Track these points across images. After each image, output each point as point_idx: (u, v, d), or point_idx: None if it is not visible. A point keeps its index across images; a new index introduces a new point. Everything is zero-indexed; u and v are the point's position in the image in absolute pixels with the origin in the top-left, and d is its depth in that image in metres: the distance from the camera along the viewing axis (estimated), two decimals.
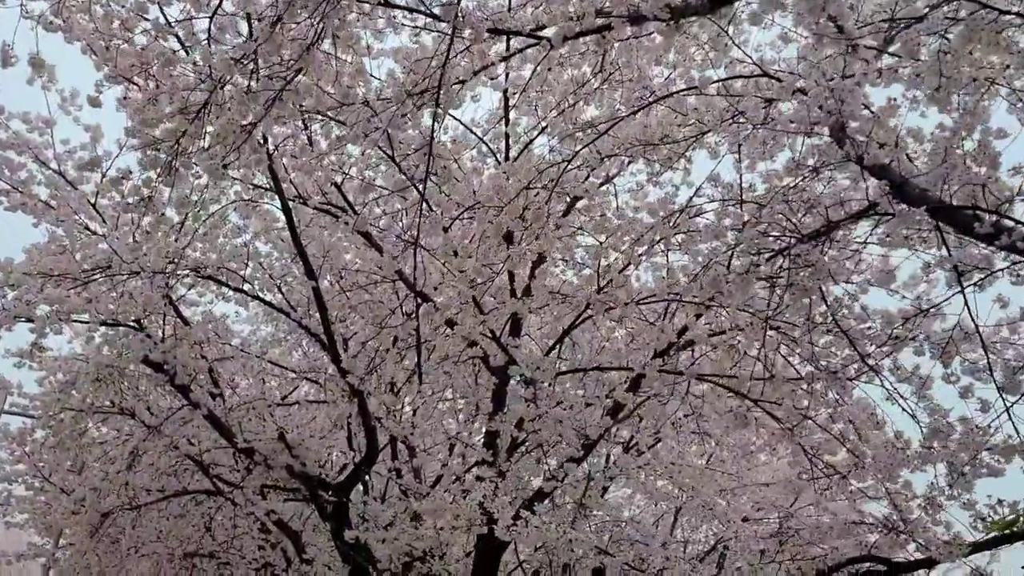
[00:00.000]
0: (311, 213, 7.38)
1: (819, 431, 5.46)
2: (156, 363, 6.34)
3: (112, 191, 7.11)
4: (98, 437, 9.02)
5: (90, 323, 6.15)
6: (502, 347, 5.67)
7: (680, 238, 5.86)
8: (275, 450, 6.31)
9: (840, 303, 4.44)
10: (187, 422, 7.26)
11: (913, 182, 3.29)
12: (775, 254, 3.43)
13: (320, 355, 9.17)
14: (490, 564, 5.84)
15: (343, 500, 6.44)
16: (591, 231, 5.06)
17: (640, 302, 5.72)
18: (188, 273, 6.40)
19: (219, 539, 9.54)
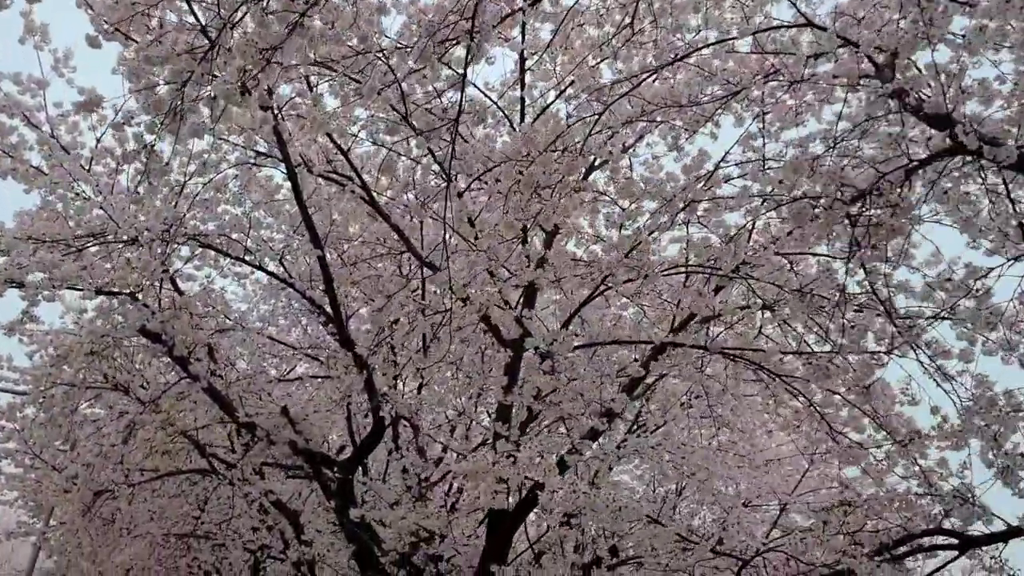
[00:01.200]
0: (315, 183, 7.12)
1: (840, 409, 5.26)
2: (153, 333, 6.08)
3: (107, 157, 6.87)
4: (90, 415, 8.77)
5: (84, 291, 5.87)
6: (517, 319, 5.43)
7: (703, 207, 5.64)
8: (277, 425, 6.06)
9: (877, 272, 4.21)
10: (184, 397, 7.00)
11: (981, 132, 3.06)
12: (861, 194, 3.19)
13: (321, 332, 8.93)
14: (501, 545, 5.62)
15: (348, 477, 6.20)
16: (615, 195, 4.81)
17: (665, 272, 5.50)
18: (187, 240, 6.12)
19: (214, 520, 9.32)
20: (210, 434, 9.16)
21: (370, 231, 7.20)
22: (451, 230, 5.42)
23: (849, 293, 4.79)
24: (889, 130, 3.34)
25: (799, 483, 11.73)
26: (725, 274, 5.05)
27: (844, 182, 3.27)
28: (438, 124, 4.73)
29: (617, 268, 4.37)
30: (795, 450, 12.02)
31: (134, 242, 6.04)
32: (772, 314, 5.25)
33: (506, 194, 3.80)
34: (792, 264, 5.08)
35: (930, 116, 3.17)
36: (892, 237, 3.21)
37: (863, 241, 3.40)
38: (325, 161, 6.81)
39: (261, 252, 6.73)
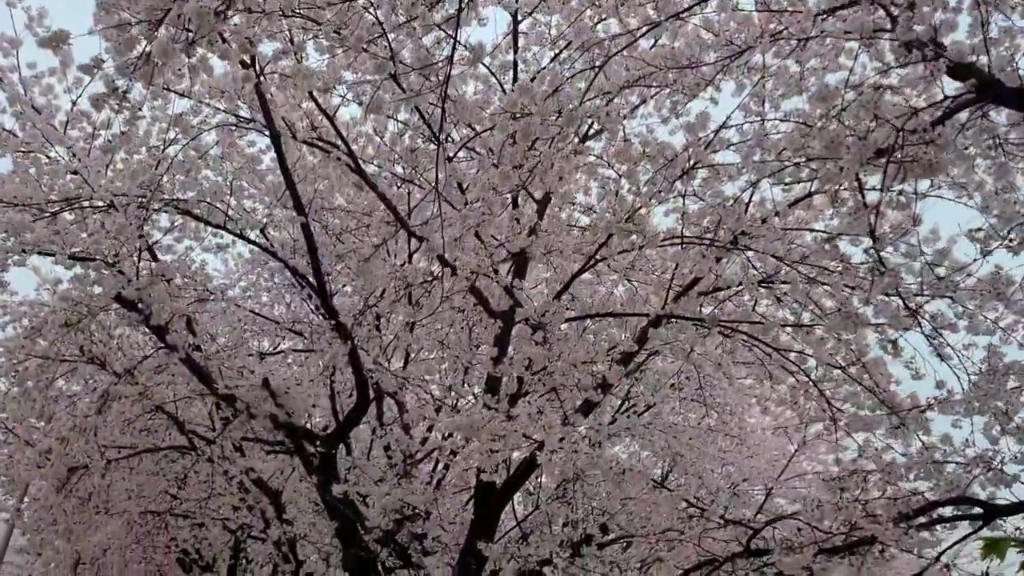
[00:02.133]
0: (299, 150, 6.90)
1: (839, 385, 5.11)
2: (129, 302, 5.84)
3: (83, 122, 6.62)
4: (66, 390, 8.52)
5: (57, 256, 5.63)
6: (507, 289, 5.24)
7: (702, 177, 5.46)
8: (258, 398, 5.85)
9: (886, 239, 4.05)
10: (161, 369, 6.78)
11: (1006, 83, 2.90)
12: (897, 130, 3.00)
13: (305, 309, 8.72)
14: (488, 522, 5.46)
15: (331, 451, 6.01)
16: (614, 159, 4.61)
17: (660, 244, 5.31)
18: (165, 205, 5.88)
19: (193, 499, 9.11)
20: (189, 410, 8.95)
21: (355, 203, 6.99)
22: (440, 196, 5.21)
23: (857, 263, 4.64)
24: (920, 74, 3.16)
25: (785, 467, 11.67)
26: (722, 245, 4.89)
27: (878, 115, 3.09)
28: (427, 81, 4.51)
29: (617, 229, 4.18)
30: (782, 434, 11.95)
31: (110, 207, 5.80)
32: (769, 288, 5.09)
33: (500, 148, 3.60)
34: (791, 237, 4.92)
35: (953, 66, 3.01)
36: (929, 174, 3.03)
37: (896, 179, 3.21)
38: (310, 128, 6.58)
39: (243, 220, 6.50)
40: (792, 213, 4.79)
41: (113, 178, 6.29)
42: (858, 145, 2.97)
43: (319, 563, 6.93)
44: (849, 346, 4.74)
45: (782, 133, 4.61)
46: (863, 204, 3.68)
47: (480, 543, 5.21)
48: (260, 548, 10.89)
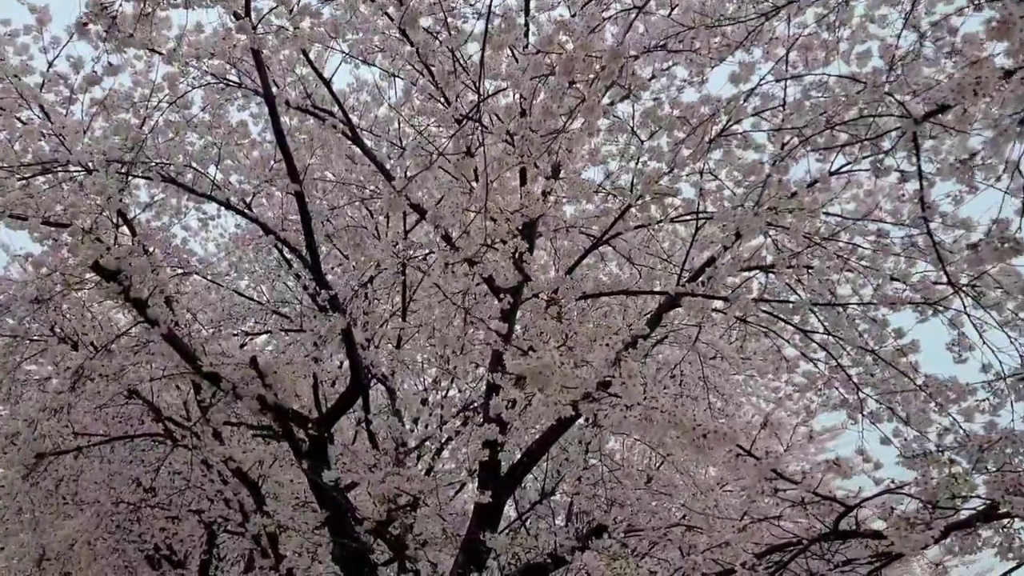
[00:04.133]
0: (290, 124, 6.52)
1: (870, 370, 4.82)
2: (108, 271, 5.43)
3: (60, 84, 6.22)
4: (33, 372, 8.07)
5: (30, 220, 5.21)
6: (516, 262, 4.91)
7: (719, 155, 5.18)
8: (244, 378, 5.46)
9: (935, 209, 3.77)
10: (139, 349, 6.36)
11: None
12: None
13: (293, 289, 8.33)
14: (493, 511, 5.12)
15: (324, 434, 5.63)
16: (641, 122, 4.29)
17: (676, 219, 5.03)
18: (148, 168, 5.48)
19: (167, 490, 8.67)
20: (164, 398, 8.52)
21: (348, 177, 6.63)
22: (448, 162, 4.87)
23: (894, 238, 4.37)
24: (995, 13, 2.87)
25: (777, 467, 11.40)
26: (747, 221, 4.58)
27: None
28: (436, 33, 4.19)
29: (649, 190, 3.86)
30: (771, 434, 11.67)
31: (88, 172, 5.40)
32: (793, 268, 4.80)
33: (531, 96, 3.26)
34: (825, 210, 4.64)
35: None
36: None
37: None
38: (304, 95, 6.22)
39: (231, 190, 6.11)
40: (828, 185, 4.49)
41: (91, 145, 5.88)
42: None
43: (304, 556, 6.53)
44: (885, 328, 4.47)
45: (813, 99, 4.34)
46: (918, 170, 3.39)
47: (483, 533, 4.88)
48: (236, 544, 10.46)
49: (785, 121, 4.01)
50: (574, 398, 2.03)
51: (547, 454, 5.84)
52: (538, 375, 1.95)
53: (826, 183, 4.13)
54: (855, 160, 4.79)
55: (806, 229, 4.68)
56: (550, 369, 1.93)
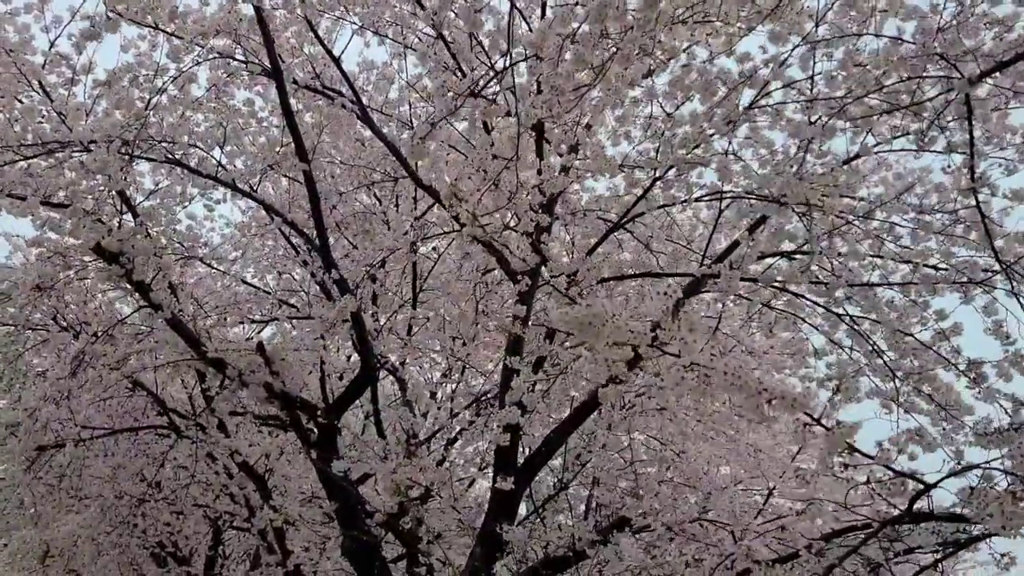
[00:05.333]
0: (301, 97, 6.31)
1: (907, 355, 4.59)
2: (110, 254, 5.23)
3: (62, 64, 6.04)
4: (36, 364, 7.90)
5: (28, 200, 5.01)
6: (533, 244, 4.70)
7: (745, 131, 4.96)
8: (251, 364, 5.26)
9: (984, 180, 3.54)
10: (142, 336, 6.17)
11: None
12: None
13: (300, 279, 8.13)
14: (510, 501, 4.90)
15: (334, 423, 5.42)
16: (668, 92, 4.07)
17: (699, 198, 4.81)
18: (152, 147, 5.28)
19: (171, 485, 8.49)
20: (168, 391, 8.33)
21: (360, 157, 6.43)
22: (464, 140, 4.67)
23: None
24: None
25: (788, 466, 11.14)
26: (775, 200, 4.35)
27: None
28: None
29: (681, 160, 3.64)
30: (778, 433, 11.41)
31: (89, 150, 5.20)
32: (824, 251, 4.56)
33: (557, 52, 3.04)
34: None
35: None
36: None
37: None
38: (313, 75, 6.02)
39: (236, 172, 5.90)
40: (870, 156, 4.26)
41: (94, 123, 5.69)
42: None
43: (312, 549, 6.32)
44: (926, 309, 4.24)
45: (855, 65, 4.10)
46: (969, 136, 3.17)
47: (500, 526, 4.67)
48: (241, 540, 10.27)
49: (819, 91, 3.79)
50: (625, 356, 1.81)
51: (564, 445, 5.63)
52: (587, 327, 1.72)
53: (867, 154, 3.90)
54: (895, 133, 4.57)
55: (839, 208, 4.45)
56: (600, 320, 1.71)
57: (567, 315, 1.75)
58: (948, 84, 3.37)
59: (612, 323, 1.72)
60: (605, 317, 1.73)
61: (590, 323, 1.77)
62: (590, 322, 1.77)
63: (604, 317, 1.73)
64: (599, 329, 1.76)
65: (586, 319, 1.76)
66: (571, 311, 1.73)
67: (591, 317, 1.75)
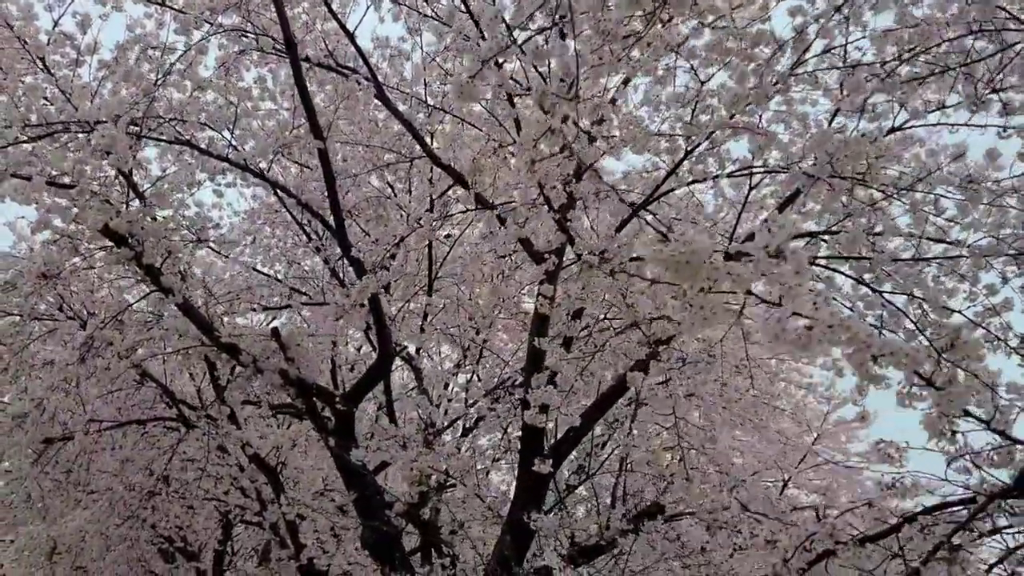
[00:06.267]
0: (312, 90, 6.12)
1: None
2: (119, 236, 5.05)
3: (66, 45, 5.88)
4: (43, 356, 7.73)
5: (34, 181, 4.82)
6: (559, 222, 4.51)
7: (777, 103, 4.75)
8: (265, 351, 5.08)
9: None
10: (152, 323, 5.99)
11: None
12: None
13: (312, 266, 7.96)
14: (537, 489, 4.73)
15: (351, 409, 5.23)
16: (704, 58, 3.86)
17: (731, 174, 4.61)
18: (160, 125, 5.10)
19: (182, 478, 8.32)
20: (177, 383, 8.17)
21: (374, 138, 6.24)
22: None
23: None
24: None
25: (803, 457, 10.98)
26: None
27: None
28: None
29: (719, 125, 3.45)
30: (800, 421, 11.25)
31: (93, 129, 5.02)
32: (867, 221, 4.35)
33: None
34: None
35: None
36: None
37: None
38: (326, 51, 5.83)
39: (248, 153, 5.71)
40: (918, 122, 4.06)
41: (100, 103, 5.51)
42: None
43: (327, 541, 6.15)
44: (975, 284, 4.04)
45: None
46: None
47: (527, 514, 4.49)
48: (251, 536, 10.11)
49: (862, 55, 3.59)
50: (722, 303, 1.62)
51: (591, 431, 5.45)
52: (683, 267, 1.52)
53: (917, 118, 3.70)
54: (929, 108, 4.38)
55: (882, 181, 4.25)
56: (700, 257, 1.49)
57: (660, 252, 1.53)
58: (1003, 42, 3.18)
59: (711, 263, 1.52)
60: (707, 253, 1.52)
61: (687, 262, 1.55)
62: (687, 260, 1.55)
63: (706, 253, 1.52)
64: (696, 269, 1.54)
65: (683, 257, 1.55)
66: (665, 247, 1.51)
67: (690, 254, 1.53)
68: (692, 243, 1.48)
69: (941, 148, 5.25)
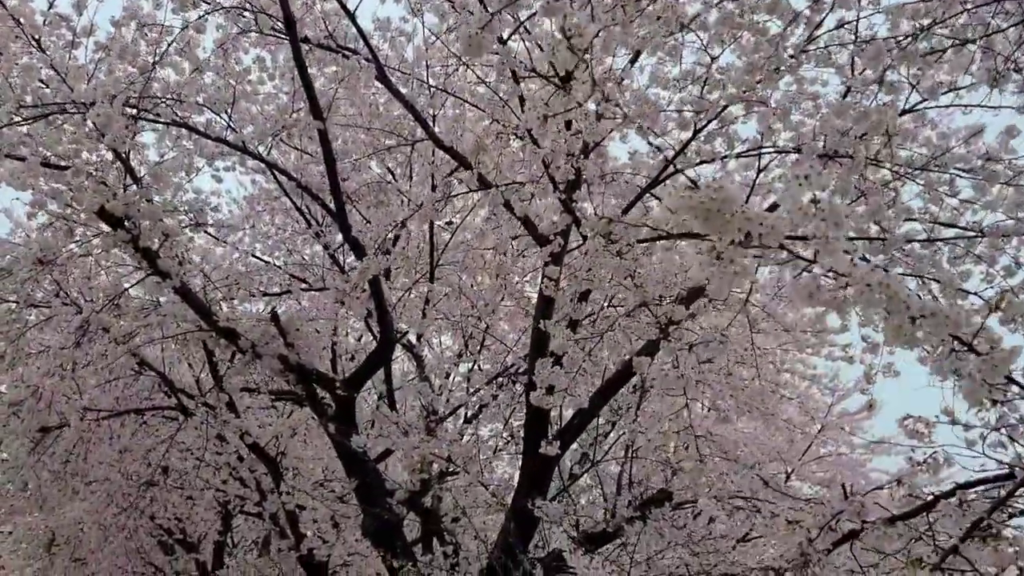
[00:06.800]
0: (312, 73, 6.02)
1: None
2: (115, 218, 4.95)
3: (62, 26, 5.77)
4: (38, 340, 7.65)
5: (28, 161, 4.73)
6: (564, 203, 4.42)
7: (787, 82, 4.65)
8: (264, 336, 4.99)
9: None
10: (149, 309, 5.89)
11: None
12: None
13: (311, 255, 7.87)
14: (541, 475, 4.64)
15: (352, 395, 5.14)
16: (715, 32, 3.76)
17: (741, 154, 4.52)
18: (157, 104, 5.00)
19: (180, 470, 8.23)
20: (175, 372, 8.07)
21: (375, 121, 6.13)
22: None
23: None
24: None
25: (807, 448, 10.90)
26: (827, 154, 4.05)
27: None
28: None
29: (732, 99, 3.35)
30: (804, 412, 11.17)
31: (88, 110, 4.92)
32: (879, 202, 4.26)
33: None
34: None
35: None
36: None
37: None
38: (327, 32, 5.72)
39: (247, 135, 5.61)
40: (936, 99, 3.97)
41: (96, 83, 5.42)
42: None
43: (326, 531, 6.06)
44: (993, 265, 3.95)
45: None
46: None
47: (531, 502, 4.40)
48: (251, 527, 10.02)
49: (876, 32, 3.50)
50: (747, 256, 1.51)
51: (596, 417, 5.36)
52: (713, 215, 1.42)
53: (934, 96, 3.61)
54: (942, 89, 4.27)
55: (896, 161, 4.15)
56: (731, 205, 1.39)
57: (689, 199, 1.43)
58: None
59: (743, 212, 1.41)
60: (738, 199, 1.42)
61: (718, 210, 1.45)
62: (718, 209, 1.45)
63: (737, 199, 1.42)
64: (728, 219, 1.44)
65: (713, 205, 1.44)
66: (694, 194, 1.41)
67: (720, 202, 1.43)
68: (723, 190, 1.38)
69: (953, 131, 5.16)
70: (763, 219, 1.40)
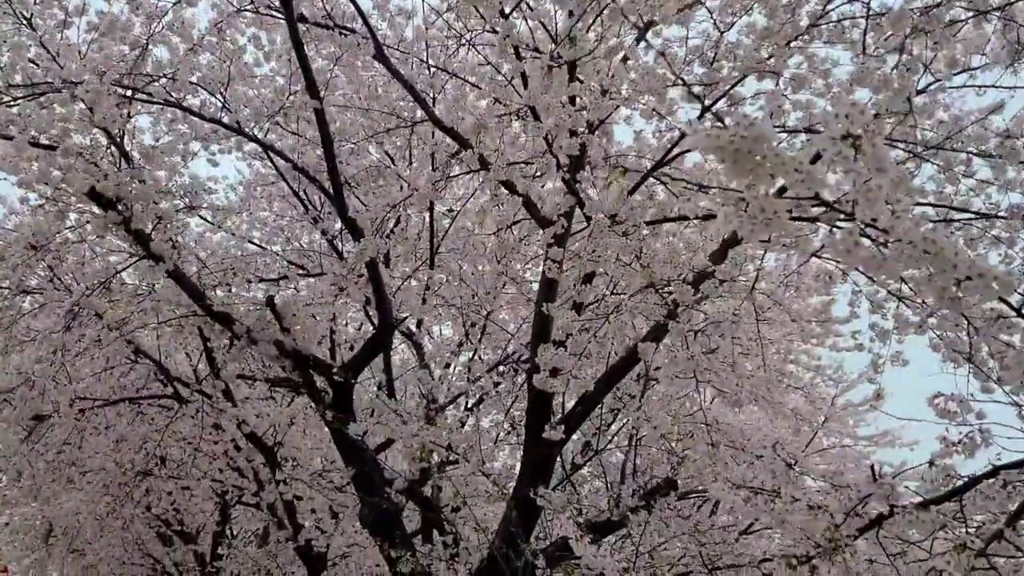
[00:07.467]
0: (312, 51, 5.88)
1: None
2: (106, 199, 4.82)
3: (54, 5, 5.64)
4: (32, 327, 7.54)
5: (16, 140, 4.60)
6: (567, 183, 4.29)
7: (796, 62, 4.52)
8: (260, 321, 4.86)
9: None
10: (142, 295, 5.77)
11: None
12: None
13: (307, 239, 7.74)
14: (543, 463, 4.52)
15: (350, 381, 5.02)
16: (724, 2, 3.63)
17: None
18: (150, 83, 4.86)
19: (177, 460, 8.13)
20: (172, 360, 7.95)
21: (373, 103, 5.99)
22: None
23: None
24: None
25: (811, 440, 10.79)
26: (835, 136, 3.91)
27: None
28: None
29: (747, 70, 3.22)
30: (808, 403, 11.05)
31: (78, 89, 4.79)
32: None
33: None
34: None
35: None
36: None
37: None
38: (324, 12, 5.58)
39: (242, 116, 5.47)
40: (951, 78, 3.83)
41: (87, 63, 5.28)
42: None
43: (324, 521, 5.95)
44: (1012, 247, 3.83)
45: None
46: None
47: (533, 491, 4.29)
48: (249, 518, 9.92)
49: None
50: (781, 207, 1.37)
51: (600, 405, 5.24)
52: (744, 156, 1.29)
53: (950, 74, 3.47)
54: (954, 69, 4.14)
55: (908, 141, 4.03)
56: (762, 144, 1.27)
57: (717, 138, 1.30)
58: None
59: (776, 153, 1.28)
60: (770, 138, 1.28)
61: (749, 151, 1.32)
62: (749, 149, 1.32)
63: (769, 137, 1.29)
64: (759, 162, 1.31)
65: (744, 144, 1.31)
66: (722, 133, 1.27)
67: (751, 142, 1.30)
68: (755, 127, 1.25)
69: (966, 113, 5.02)
70: (798, 162, 1.26)
